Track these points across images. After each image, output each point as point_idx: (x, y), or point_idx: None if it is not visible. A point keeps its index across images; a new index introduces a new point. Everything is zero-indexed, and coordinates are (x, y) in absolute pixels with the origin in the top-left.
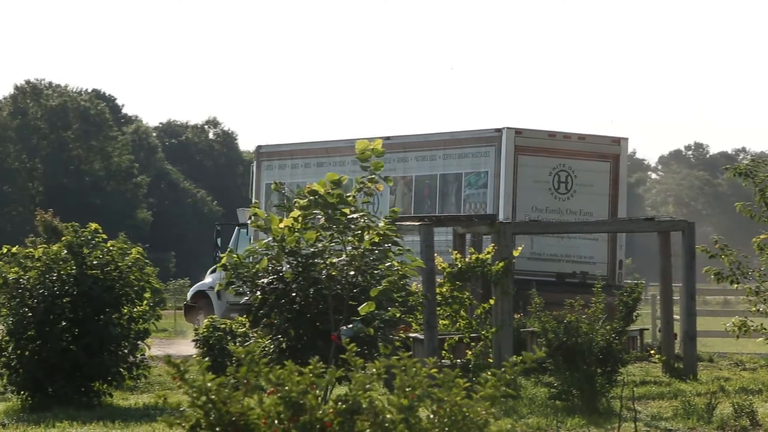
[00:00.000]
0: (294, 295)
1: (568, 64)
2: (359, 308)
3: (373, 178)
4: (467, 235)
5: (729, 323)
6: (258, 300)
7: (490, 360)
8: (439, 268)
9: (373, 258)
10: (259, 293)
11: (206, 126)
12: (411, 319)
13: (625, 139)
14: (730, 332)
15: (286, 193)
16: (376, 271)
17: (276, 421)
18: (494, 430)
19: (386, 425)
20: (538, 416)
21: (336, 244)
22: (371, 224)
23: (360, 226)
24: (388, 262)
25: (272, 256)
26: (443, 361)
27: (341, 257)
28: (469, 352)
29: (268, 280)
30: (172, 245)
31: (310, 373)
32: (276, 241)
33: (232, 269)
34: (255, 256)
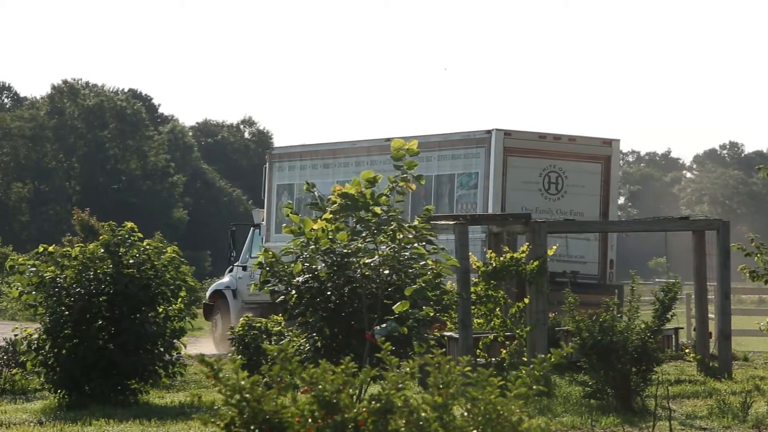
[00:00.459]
0: (329, 293)
1: (572, 66)
2: (394, 307)
3: (405, 177)
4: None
5: (764, 322)
6: (293, 299)
7: (525, 359)
8: (474, 267)
9: (407, 257)
10: (294, 292)
11: (242, 125)
12: (446, 318)
13: (616, 140)
14: (765, 331)
15: (317, 193)
16: (410, 270)
17: (310, 420)
18: (528, 428)
19: (420, 423)
20: (573, 415)
21: (370, 243)
22: (403, 223)
23: (392, 226)
24: (422, 261)
25: (306, 258)
26: (478, 359)
27: (375, 256)
28: (504, 351)
29: (303, 279)
30: (208, 244)
31: (344, 372)
32: (310, 242)
33: (268, 268)
34: (291, 255)
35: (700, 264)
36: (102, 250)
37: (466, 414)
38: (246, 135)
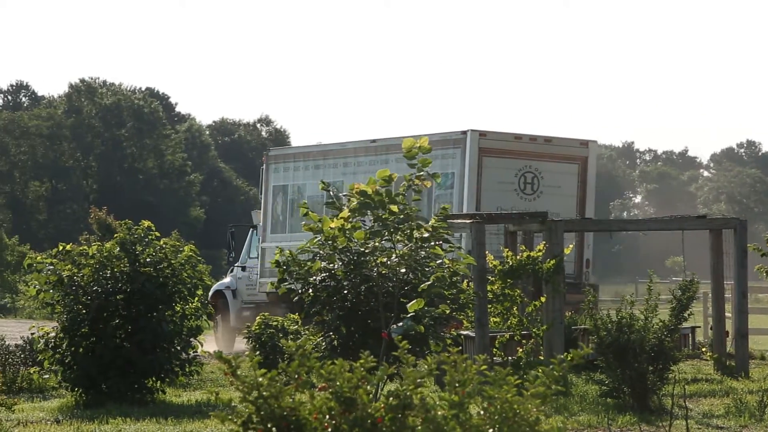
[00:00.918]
0: (345, 292)
1: (588, 67)
2: (409, 305)
3: (421, 175)
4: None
5: None
6: (310, 297)
7: (541, 357)
8: (490, 265)
9: (424, 255)
10: (311, 290)
11: (258, 124)
12: (462, 317)
13: (593, 141)
14: None
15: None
16: (427, 269)
17: (327, 417)
18: (545, 427)
19: (437, 421)
20: (589, 414)
21: (386, 242)
22: (420, 222)
23: (409, 224)
24: (439, 260)
25: (323, 257)
26: (494, 358)
27: (392, 255)
28: (520, 350)
29: (320, 278)
30: (224, 243)
31: (361, 369)
32: (327, 240)
33: (284, 267)
34: (307, 254)
35: (717, 263)
36: (119, 249)
37: (482, 413)
38: (263, 133)
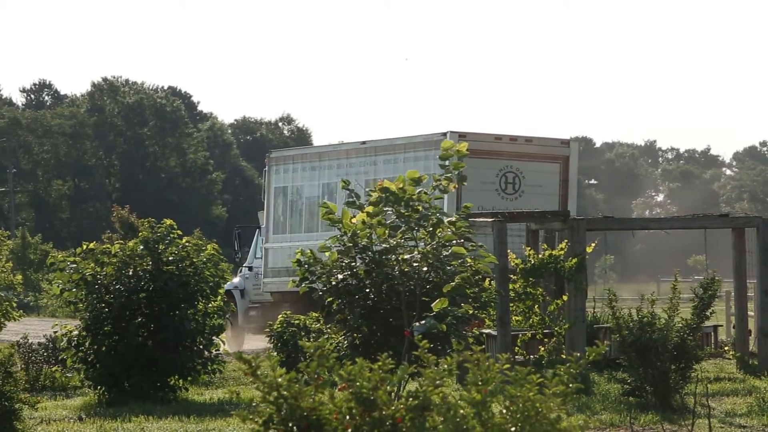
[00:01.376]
0: (367, 291)
1: (609, 65)
2: (432, 304)
3: (449, 177)
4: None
5: None
6: (331, 296)
7: (564, 356)
8: (512, 264)
9: (445, 254)
10: (332, 289)
11: (280, 123)
12: (484, 316)
13: (574, 141)
14: None
15: (354, 192)
16: (448, 267)
17: (347, 417)
18: (566, 425)
19: (458, 421)
20: (611, 412)
21: (408, 240)
22: (443, 220)
23: (432, 222)
24: (461, 258)
25: (342, 251)
26: (516, 357)
27: (414, 253)
28: (542, 349)
29: (341, 276)
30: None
31: (381, 369)
32: (347, 237)
33: (305, 266)
34: (327, 252)
35: (739, 261)
36: (141, 247)
37: (504, 411)
38: (285, 132)
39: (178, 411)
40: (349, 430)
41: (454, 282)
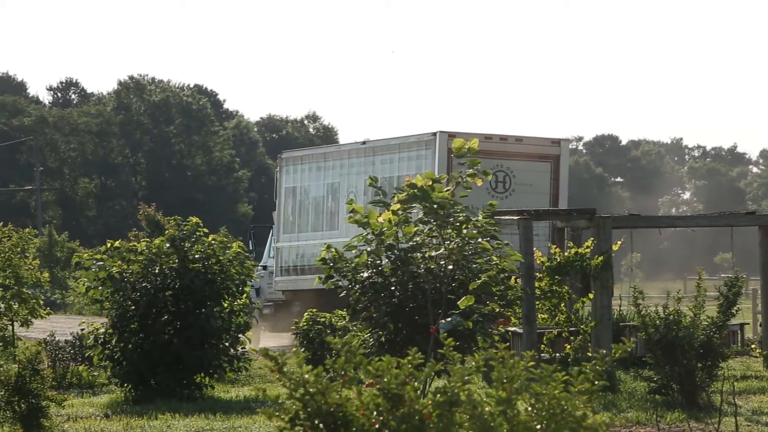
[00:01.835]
0: (393, 288)
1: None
2: (458, 302)
3: (472, 173)
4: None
5: None
6: (357, 294)
7: (589, 354)
8: (538, 262)
9: (471, 252)
10: (358, 287)
11: (306, 120)
12: (510, 314)
13: (565, 140)
14: None
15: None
16: (474, 266)
17: (374, 413)
18: (592, 423)
19: (484, 418)
20: (638, 410)
21: (434, 238)
22: (470, 218)
23: (459, 219)
24: (486, 256)
25: (371, 251)
26: (542, 355)
27: (440, 251)
28: (568, 347)
29: (367, 274)
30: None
31: (409, 365)
32: (375, 235)
33: (331, 263)
34: (353, 251)
35: (766, 259)
36: (168, 245)
37: (529, 409)
38: (310, 130)
39: (204, 408)
40: (377, 426)
41: (481, 280)
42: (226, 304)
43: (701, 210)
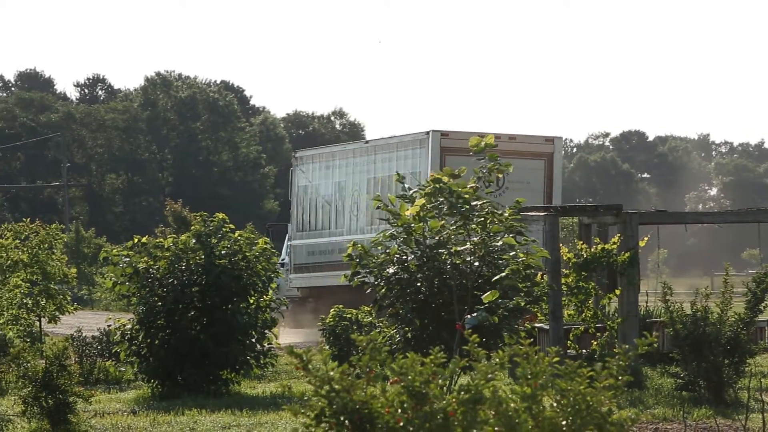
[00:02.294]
0: (419, 284)
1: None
2: (483, 297)
3: (492, 165)
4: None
5: None
6: (383, 290)
7: (616, 350)
8: (565, 258)
9: (497, 249)
10: (384, 283)
11: (333, 117)
12: (536, 310)
13: (558, 138)
14: None
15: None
16: (500, 262)
17: (399, 410)
18: (617, 419)
19: (509, 414)
20: (664, 407)
21: (460, 233)
22: (495, 211)
23: (484, 213)
24: (512, 252)
25: (401, 242)
26: (568, 351)
27: (465, 246)
28: (595, 343)
29: (393, 270)
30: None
31: (433, 363)
32: (403, 230)
33: (357, 260)
34: (379, 247)
35: None
36: (194, 241)
37: (555, 405)
38: (337, 126)
39: (230, 404)
40: (401, 423)
41: (505, 274)
42: (252, 300)
43: (728, 206)
